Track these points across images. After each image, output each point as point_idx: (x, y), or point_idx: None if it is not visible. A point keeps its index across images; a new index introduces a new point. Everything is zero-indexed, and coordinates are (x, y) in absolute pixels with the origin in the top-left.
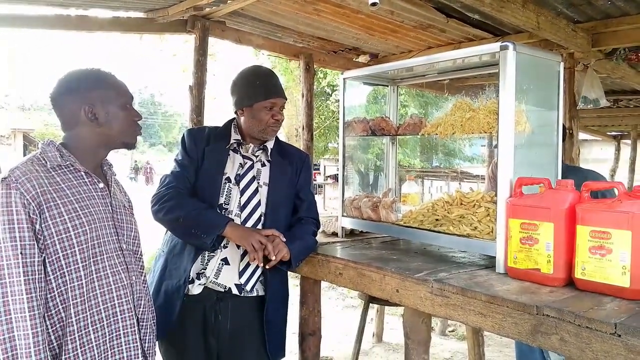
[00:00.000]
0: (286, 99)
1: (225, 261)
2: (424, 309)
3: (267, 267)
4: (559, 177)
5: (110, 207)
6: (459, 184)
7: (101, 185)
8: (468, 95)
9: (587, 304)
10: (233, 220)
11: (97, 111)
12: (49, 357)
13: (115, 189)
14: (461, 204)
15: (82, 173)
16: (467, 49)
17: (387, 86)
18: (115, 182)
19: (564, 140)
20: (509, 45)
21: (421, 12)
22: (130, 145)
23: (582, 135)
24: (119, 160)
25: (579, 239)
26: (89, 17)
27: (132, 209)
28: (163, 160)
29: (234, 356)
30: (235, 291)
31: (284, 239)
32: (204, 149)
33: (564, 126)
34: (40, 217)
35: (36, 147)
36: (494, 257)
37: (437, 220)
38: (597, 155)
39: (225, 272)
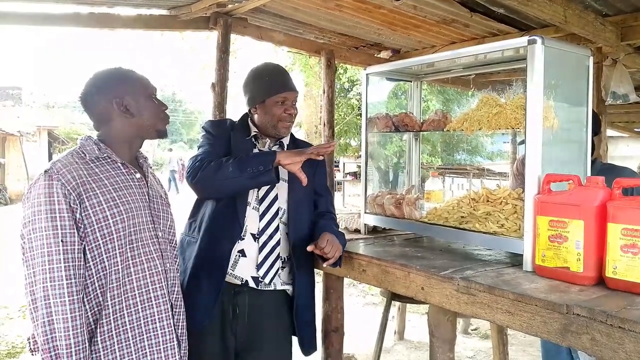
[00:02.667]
0: (297, 92)
1: (242, 253)
2: (450, 307)
3: (324, 265)
4: (589, 174)
5: (147, 197)
6: (481, 181)
7: (138, 175)
8: (494, 90)
9: (619, 303)
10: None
11: (127, 103)
12: (86, 340)
13: (152, 180)
14: (487, 201)
15: (119, 164)
16: (495, 44)
17: (411, 81)
18: (151, 174)
19: (597, 133)
20: (537, 40)
21: (445, 7)
22: (163, 133)
23: (607, 132)
24: None
25: (610, 237)
26: (113, 15)
27: (167, 200)
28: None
29: (253, 352)
30: (252, 284)
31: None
32: (230, 134)
33: (597, 117)
34: (80, 206)
35: (60, 144)
36: (521, 255)
37: (462, 217)
38: (622, 152)
39: (242, 264)
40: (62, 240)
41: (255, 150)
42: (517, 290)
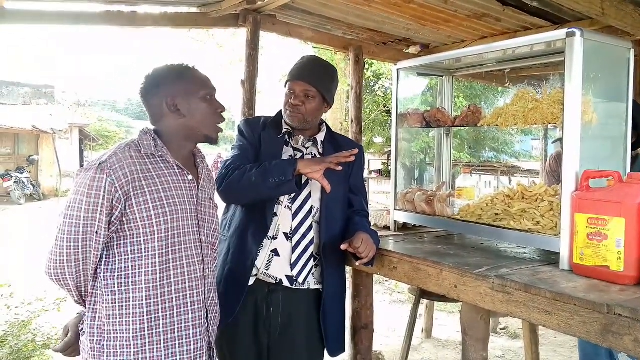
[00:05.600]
0: (309, 84)
1: (275, 252)
2: (484, 306)
3: (357, 263)
4: (629, 170)
5: (195, 200)
6: (509, 178)
7: (190, 177)
8: (528, 85)
9: None
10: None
11: (178, 102)
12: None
13: (206, 182)
14: (523, 197)
15: (173, 164)
16: (532, 37)
17: (442, 77)
18: (207, 174)
19: None
20: (576, 32)
21: (476, 1)
22: (212, 140)
23: None
24: None
25: None
26: (142, 13)
27: (215, 202)
28: (211, 154)
29: (285, 349)
30: (286, 283)
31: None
32: (260, 134)
33: None
34: (126, 203)
35: (91, 141)
36: (557, 254)
37: (496, 214)
38: None
39: (276, 263)
40: (97, 232)
41: (287, 148)
42: (555, 289)
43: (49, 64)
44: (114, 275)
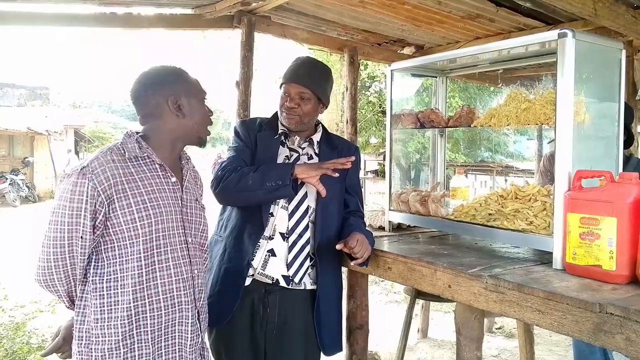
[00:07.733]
0: (304, 87)
1: (271, 252)
2: (478, 305)
3: (352, 263)
4: (621, 170)
5: (180, 201)
6: (505, 179)
7: (174, 179)
8: (521, 86)
9: None
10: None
11: (181, 103)
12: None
13: (191, 183)
14: (516, 198)
15: (157, 166)
16: (524, 37)
17: (436, 77)
18: (191, 176)
19: (630, 123)
20: (567, 33)
21: (470, 2)
22: (203, 142)
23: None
24: None
25: None
26: (137, 15)
27: (202, 203)
28: (207, 155)
29: (281, 350)
30: (283, 283)
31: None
32: (256, 135)
33: (630, 107)
34: (109, 207)
35: (86, 143)
36: (550, 253)
37: (490, 214)
38: None
39: (272, 263)
40: (81, 237)
41: (283, 149)
42: (548, 288)
43: (44, 65)
44: (102, 279)
